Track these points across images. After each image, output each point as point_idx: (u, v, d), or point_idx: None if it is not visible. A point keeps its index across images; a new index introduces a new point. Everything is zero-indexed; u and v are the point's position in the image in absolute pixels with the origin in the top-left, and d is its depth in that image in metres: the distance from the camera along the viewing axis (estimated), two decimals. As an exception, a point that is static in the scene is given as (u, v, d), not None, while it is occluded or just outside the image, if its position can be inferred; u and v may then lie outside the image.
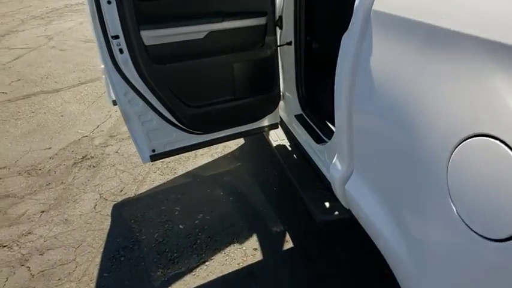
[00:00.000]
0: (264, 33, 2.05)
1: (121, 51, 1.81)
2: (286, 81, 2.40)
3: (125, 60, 1.83)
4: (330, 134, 2.02)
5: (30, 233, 2.42)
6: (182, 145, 2.21)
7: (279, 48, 2.22)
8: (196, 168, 2.98)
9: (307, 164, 2.18)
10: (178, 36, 1.83)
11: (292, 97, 2.37)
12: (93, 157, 3.19)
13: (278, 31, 2.24)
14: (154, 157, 2.16)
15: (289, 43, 2.24)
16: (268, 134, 2.59)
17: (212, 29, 1.89)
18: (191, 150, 2.25)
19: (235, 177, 2.87)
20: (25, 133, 3.59)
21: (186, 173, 2.95)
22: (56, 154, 3.24)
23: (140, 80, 1.89)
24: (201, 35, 1.89)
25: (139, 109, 2.01)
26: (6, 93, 4.52)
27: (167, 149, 2.18)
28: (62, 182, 2.89)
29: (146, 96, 1.96)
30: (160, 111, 2.02)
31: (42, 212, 2.59)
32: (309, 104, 2.32)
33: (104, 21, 1.73)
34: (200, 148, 2.29)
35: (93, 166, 3.06)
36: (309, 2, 2.20)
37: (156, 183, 2.84)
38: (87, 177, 2.94)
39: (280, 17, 2.22)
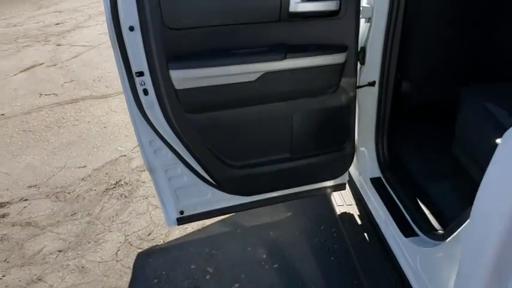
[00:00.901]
0: (340, 73, 1.46)
1: (145, 92, 1.36)
2: (361, 130, 1.80)
3: (150, 103, 1.38)
4: (425, 225, 1.40)
5: (40, 279, 2.09)
6: (219, 206, 1.72)
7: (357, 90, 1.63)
8: (237, 215, 2.49)
9: (384, 254, 1.58)
10: (221, 79, 1.32)
11: (369, 153, 1.78)
12: (127, 183, 2.84)
13: (358, 67, 1.66)
14: (182, 220, 1.70)
15: (372, 83, 1.65)
16: (330, 194, 2.01)
17: (269, 69, 1.35)
18: (229, 213, 1.76)
19: (283, 233, 2.34)
20: (64, 145, 3.36)
21: (225, 219, 2.47)
22: (89, 175, 2.94)
23: (169, 128, 1.43)
24: (253, 77, 1.35)
25: (167, 162, 1.55)
26: (57, 95, 4.39)
27: (199, 211, 1.71)
28: (89, 213, 2.56)
29: (176, 148, 1.49)
30: (193, 166, 1.55)
31: (60, 251, 2.27)
32: (393, 167, 1.72)
33: (126, 52, 1.29)
34: (242, 211, 1.79)
35: (125, 196, 2.71)
36: (407, 26, 1.59)
37: (190, 230, 2.40)
38: (115, 210, 2.58)
39: (363, 49, 1.62)
